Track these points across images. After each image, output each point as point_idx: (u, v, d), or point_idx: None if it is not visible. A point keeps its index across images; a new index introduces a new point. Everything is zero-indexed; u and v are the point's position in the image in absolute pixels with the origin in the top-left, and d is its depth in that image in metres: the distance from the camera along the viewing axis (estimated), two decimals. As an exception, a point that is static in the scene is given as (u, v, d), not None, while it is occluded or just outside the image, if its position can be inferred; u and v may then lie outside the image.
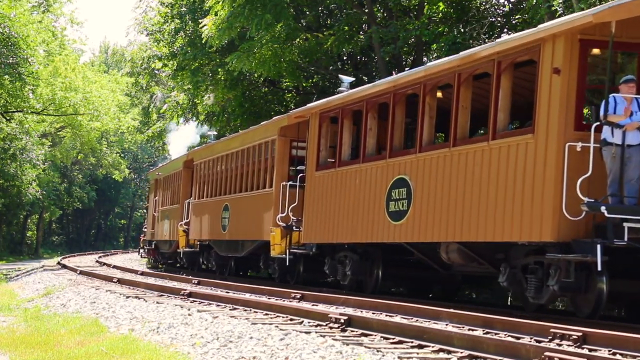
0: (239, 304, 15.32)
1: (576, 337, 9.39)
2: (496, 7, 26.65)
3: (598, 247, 11.76)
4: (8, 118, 46.51)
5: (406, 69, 27.71)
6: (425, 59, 28.02)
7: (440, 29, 25.28)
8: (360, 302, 14.81)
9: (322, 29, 30.81)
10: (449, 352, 9.15)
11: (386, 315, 13.27)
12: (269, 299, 16.98)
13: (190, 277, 24.87)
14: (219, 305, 15.69)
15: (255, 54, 28.05)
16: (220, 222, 26.77)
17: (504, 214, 13.59)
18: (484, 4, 26.14)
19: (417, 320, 12.48)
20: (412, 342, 9.82)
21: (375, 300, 15.01)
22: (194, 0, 35.11)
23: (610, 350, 8.94)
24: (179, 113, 40.33)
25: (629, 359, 8.72)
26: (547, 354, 8.21)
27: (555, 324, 10.19)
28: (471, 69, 14.93)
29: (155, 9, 40.35)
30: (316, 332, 10.88)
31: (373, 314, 13.68)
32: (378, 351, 9.22)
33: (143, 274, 29.29)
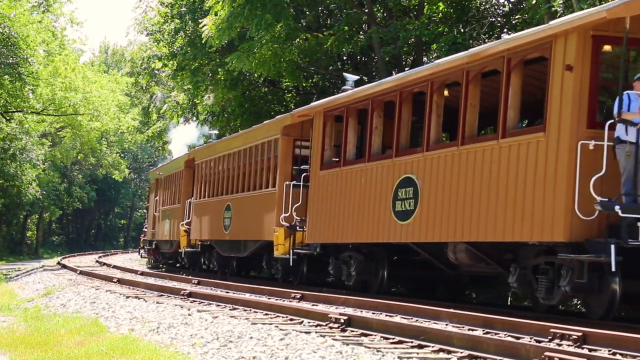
0: (239, 304, 15.30)
1: (576, 337, 9.38)
2: (496, 7, 26.57)
3: (612, 247, 11.59)
4: (8, 118, 46.42)
5: (406, 69, 27.59)
6: (425, 59, 27.90)
7: (440, 29, 25.16)
8: (360, 302, 14.77)
9: (322, 29, 30.67)
10: (449, 352, 9.15)
11: (386, 315, 13.23)
12: (269, 299, 16.95)
13: (190, 277, 24.80)
14: (219, 305, 15.66)
15: (255, 54, 27.94)
16: (222, 222, 26.58)
17: (514, 213, 13.38)
18: (484, 4, 26.05)
19: (417, 320, 12.45)
20: (412, 342, 9.80)
21: (375, 300, 14.97)
22: (194, 0, 35.01)
23: (610, 350, 8.91)
24: (179, 113, 40.31)
25: (629, 359, 8.68)
26: (547, 354, 8.18)
27: (555, 324, 10.15)
28: (480, 66, 14.71)
29: (155, 9, 40.29)
30: (316, 332, 10.87)
31: (373, 314, 13.64)
32: (378, 351, 9.21)
33: (143, 274, 29.21)
